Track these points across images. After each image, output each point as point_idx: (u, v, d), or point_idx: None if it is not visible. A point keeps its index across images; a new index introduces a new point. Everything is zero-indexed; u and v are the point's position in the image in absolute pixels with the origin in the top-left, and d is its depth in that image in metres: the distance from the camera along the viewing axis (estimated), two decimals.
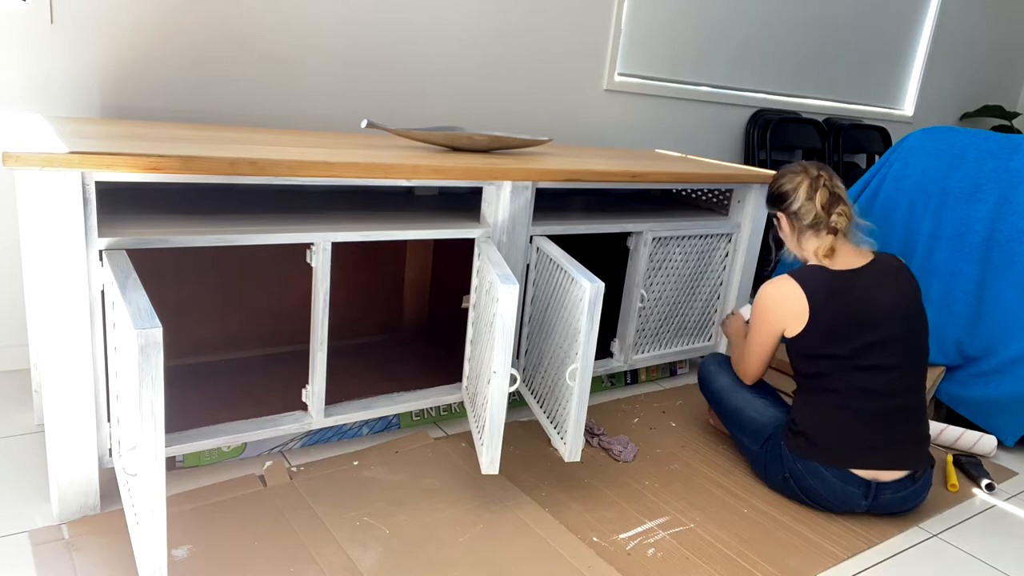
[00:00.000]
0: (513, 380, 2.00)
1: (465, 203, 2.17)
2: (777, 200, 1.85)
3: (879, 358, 1.71)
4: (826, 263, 1.76)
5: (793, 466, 1.78)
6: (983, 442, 2.20)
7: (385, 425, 1.97)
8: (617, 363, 2.33)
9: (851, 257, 1.77)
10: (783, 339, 1.82)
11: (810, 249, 1.81)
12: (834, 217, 1.77)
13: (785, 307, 1.75)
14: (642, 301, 2.29)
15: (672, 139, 3.35)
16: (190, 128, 1.93)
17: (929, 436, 1.78)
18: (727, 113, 3.51)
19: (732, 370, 2.02)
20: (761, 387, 1.97)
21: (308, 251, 1.67)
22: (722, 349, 2.57)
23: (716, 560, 1.58)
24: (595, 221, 2.13)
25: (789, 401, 1.95)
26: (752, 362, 1.89)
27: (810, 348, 1.74)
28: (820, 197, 1.78)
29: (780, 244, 2.09)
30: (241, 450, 1.76)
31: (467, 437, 1.98)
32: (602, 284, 1.58)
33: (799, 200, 1.80)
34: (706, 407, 2.31)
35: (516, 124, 2.85)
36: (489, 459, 1.59)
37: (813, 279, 1.74)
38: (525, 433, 2.04)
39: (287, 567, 1.41)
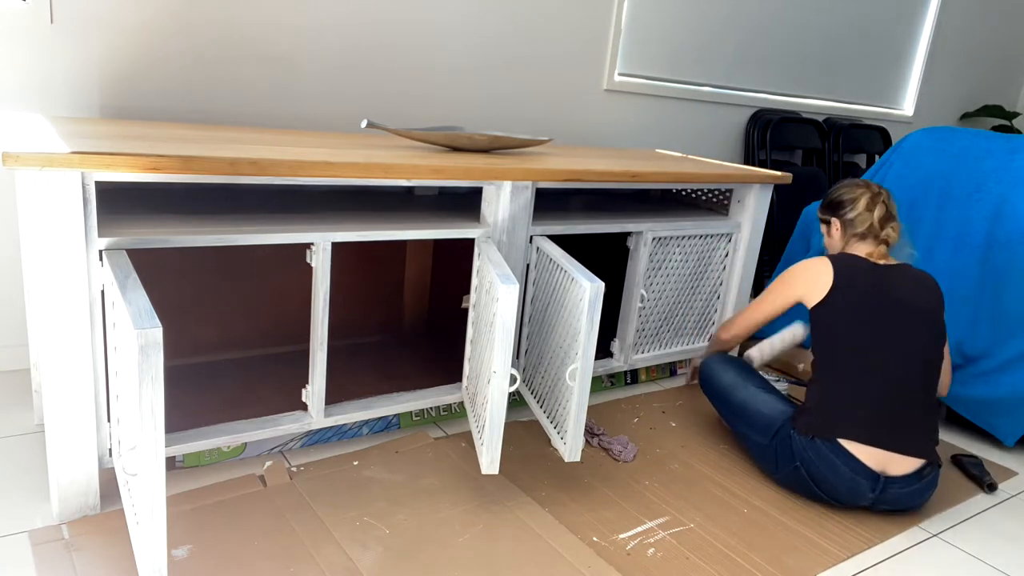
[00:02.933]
0: (513, 380, 2.00)
1: (465, 203, 2.17)
2: (835, 207, 1.98)
3: (899, 346, 1.77)
4: (872, 259, 1.88)
5: (804, 453, 1.77)
6: (793, 329, 2.18)
7: (385, 425, 1.97)
8: (617, 363, 2.33)
9: (890, 261, 1.90)
10: (808, 316, 1.88)
11: (859, 253, 1.91)
12: (887, 231, 1.91)
13: (808, 276, 1.87)
14: (642, 301, 2.29)
15: (672, 139, 3.35)
16: (190, 128, 1.93)
17: (937, 437, 1.81)
18: (727, 113, 3.51)
19: (736, 366, 2.03)
20: (766, 386, 1.97)
21: (308, 251, 1.67)
22: None
23: (716, 560, 1.58)
24: (595, 221, 2.13)
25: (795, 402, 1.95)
26: (747, 316, 2.03)
27: (832, 324, 1.80)
28: (878, 211, 1.91)
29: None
30: (241, 450, 1.76)
31: (467, 437, 1.98)
32: (602, 284, 1.58)
33: (857, 209, 1.92)
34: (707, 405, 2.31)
35: (516, 124, 2.85)
36: (489, 459, 1.59)
37: (845, 259, 1.86)
38: (525, 433, 2.04)
39: (287, 567, 1.41)
